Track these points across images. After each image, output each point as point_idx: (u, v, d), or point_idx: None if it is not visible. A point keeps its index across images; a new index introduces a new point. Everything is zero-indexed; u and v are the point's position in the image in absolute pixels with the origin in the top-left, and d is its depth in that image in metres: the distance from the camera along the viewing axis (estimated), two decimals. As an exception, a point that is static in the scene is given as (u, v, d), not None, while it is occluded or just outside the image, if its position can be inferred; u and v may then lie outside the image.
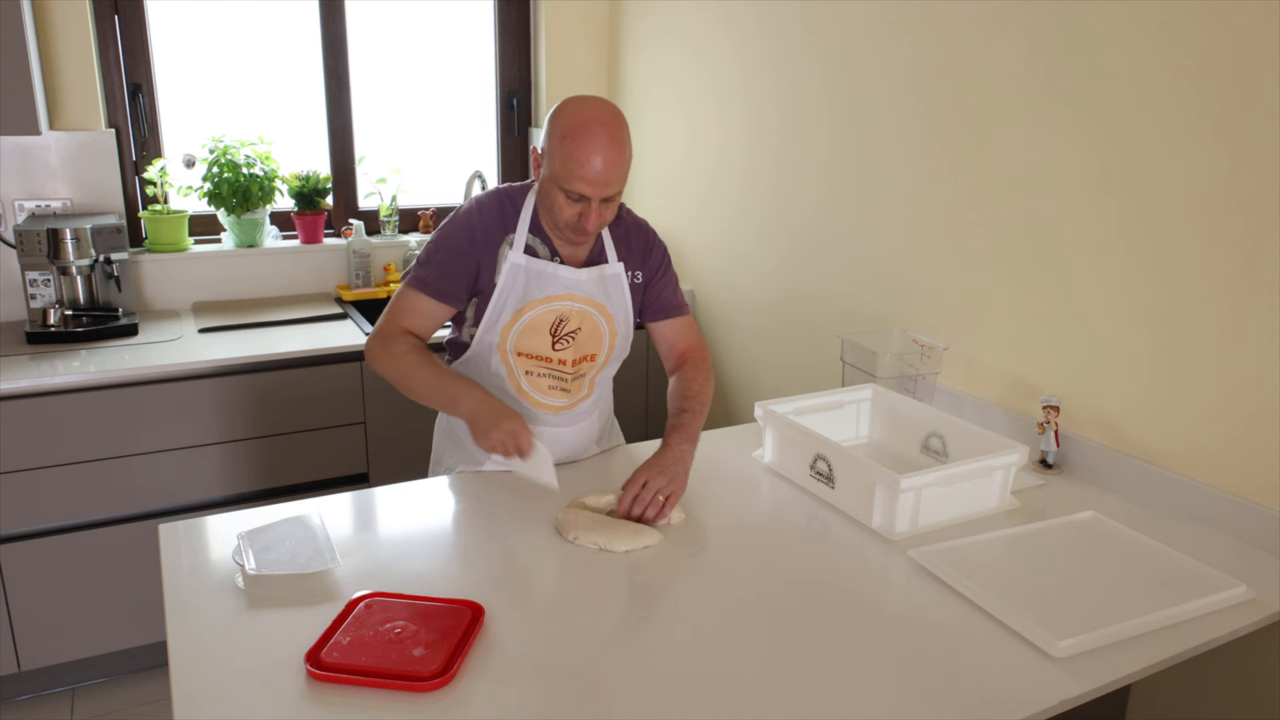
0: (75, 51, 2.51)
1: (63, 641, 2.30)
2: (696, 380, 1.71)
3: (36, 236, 2.34)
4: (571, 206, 1.53)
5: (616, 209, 1.59)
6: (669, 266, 1.78)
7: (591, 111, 1.51)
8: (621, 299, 1.70)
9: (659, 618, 1.28)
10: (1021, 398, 1.86)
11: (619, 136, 1.51)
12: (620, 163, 1.51)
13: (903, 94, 2.05)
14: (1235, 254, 1.47)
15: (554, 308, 1.63)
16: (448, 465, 1.79)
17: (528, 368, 1.66)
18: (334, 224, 3.07)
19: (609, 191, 1.51)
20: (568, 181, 1.50)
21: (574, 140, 1.48)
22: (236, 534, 1.39)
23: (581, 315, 1.66)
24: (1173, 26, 1.51)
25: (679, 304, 1.79)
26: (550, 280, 1.62)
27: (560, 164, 1.50)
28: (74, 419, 2.18)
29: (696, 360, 1.77)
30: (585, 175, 1.48)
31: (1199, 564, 1.39)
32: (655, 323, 1.78)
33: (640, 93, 3.08)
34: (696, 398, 1.68)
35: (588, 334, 1.67)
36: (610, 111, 1.52)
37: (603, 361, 1.73)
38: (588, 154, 1.47)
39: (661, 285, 1.76)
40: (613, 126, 1.50)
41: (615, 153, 1.49)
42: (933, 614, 1.27)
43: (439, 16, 3.13)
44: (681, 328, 1.79)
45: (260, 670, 1.11)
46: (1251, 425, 1.48)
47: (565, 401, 1.71)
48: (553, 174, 1.52)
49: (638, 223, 1.76)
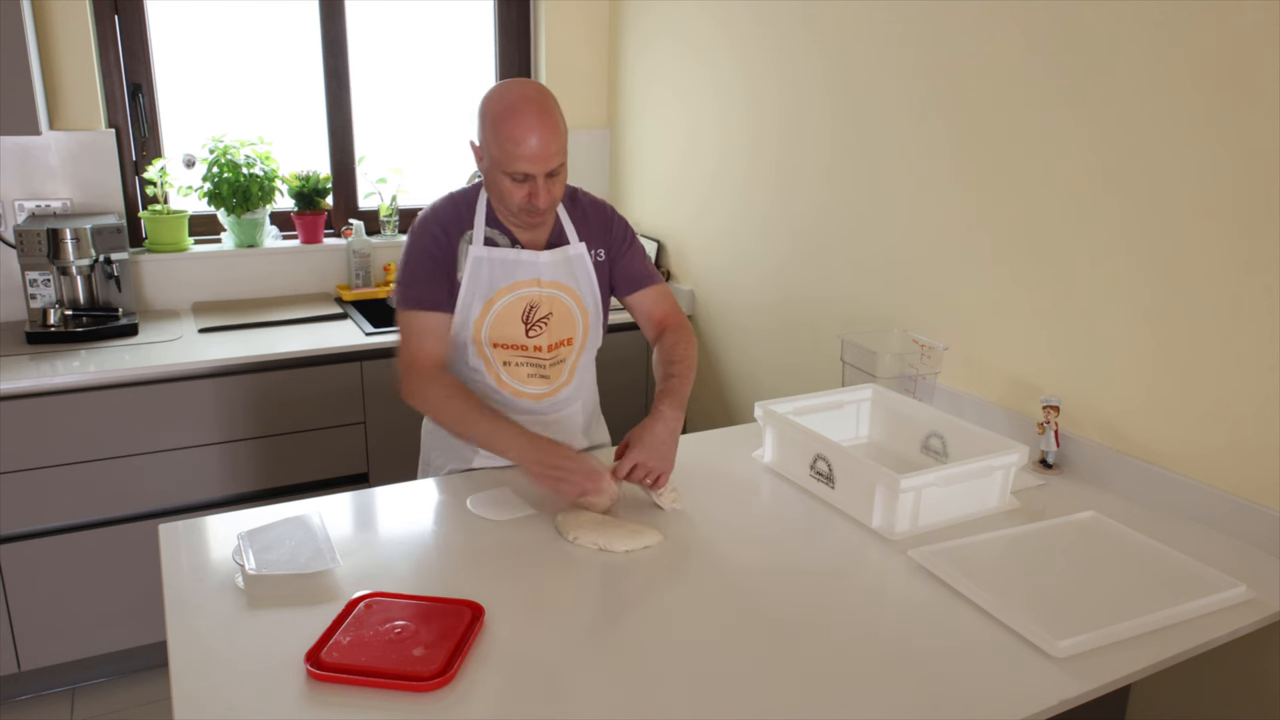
0: (75, 51, 2.51)
1: (63, 641, 2.30)
2: (680, 345, 1.73)
3: (36, 236, 2.34)
4: (519, 188, 1.54)
5: (564, 183, 1.61)
6: (633, 239, 1.79)
7: (516, 91, 1.53)
8: (588, 279, 1.72)
9: (659, 618, 1.28)
10: (1021, 398, 1.86)
11: (548, 107, 1.52)
12: (555, 136, 1.52)
13: (903, 94, 2.05)
14: (1235, 254, 1.47)
15: (522, 294, 1.65)
16: (436, 465, 1.79)
17: (505, 358, 1.68)
18: (334, 224, 3.07)
19: (551, 165, 1.53)
20: (509, 164, 1.52)
21: (505, 123, 1.50)
22: (236, 534, 1.39)
23: (551, 300, 1.67)
24: (1173, 26, 1.51)
25: (648, 273, 1.79)
26: (514, 266, 1.64)
27: (498, 149, 1.52)
28: (74, 419, 2.18)
29: (675, 325, 1.78)
30: (523, 154, 1.50)
31: (1199, 564, 1.38)
32: (629, 295, 1.79)
33: (640, 93, 3.08)
34: (681, 361, 1.69)
35: (560, 318, 1.69)
36: (535, 88, 1.55)
37: (580, 345, 1.74)
38: (522, 132, 1.49)
39: (628, 259, 1.77)
40: (539, 101, 1.52)
41: (548, 127, 1.51)
42: (933, 614, 1.27)
43: (439, 16, 3.13)
44: (656, 296, 1.79)
45: (260, 670, 1.11)
46: (1251, 425, 1.48)
47: (546, 389, 1.72)
48: (493, 161, 1.55)
49: (594, 202, 1.78)
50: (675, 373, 1.67)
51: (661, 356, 1.73)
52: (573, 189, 1.76)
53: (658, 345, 1.77)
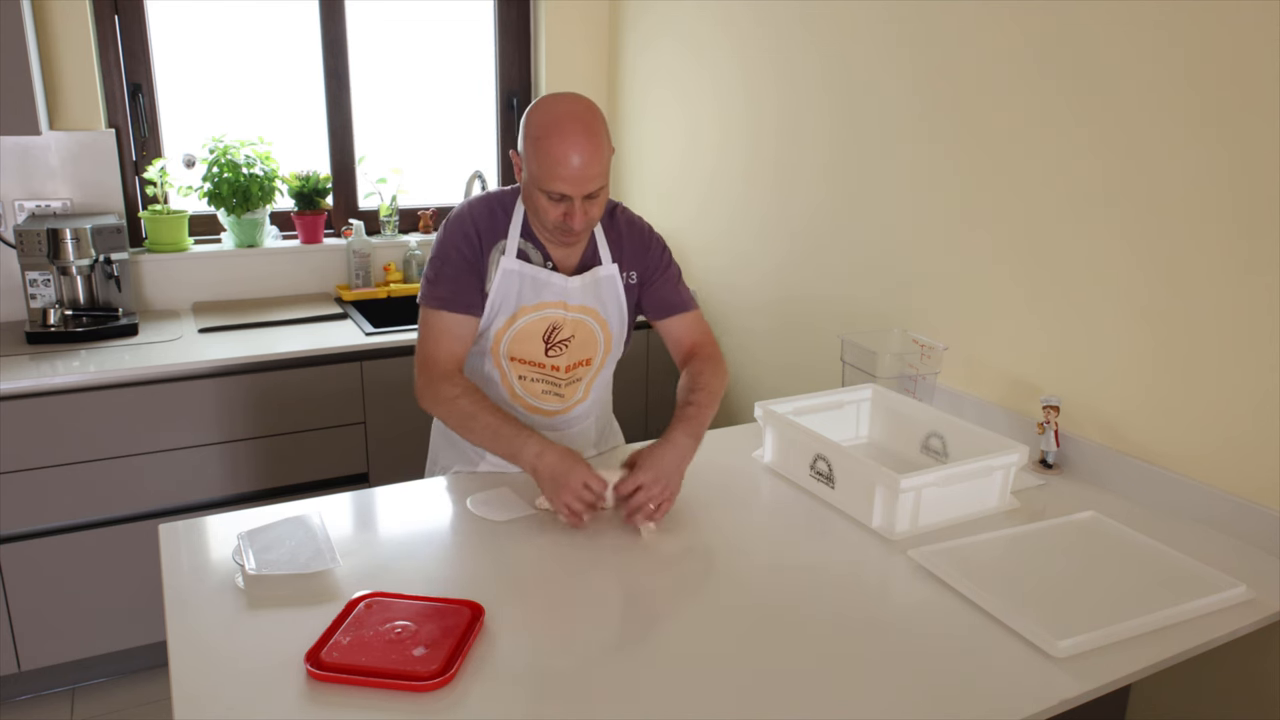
0: (75, 51, 2.51)
1: (63, 641, 2.30)
2: (705, 373, 1.65)
3: (36, 236, 2.34)
4: (555, 207, 1.48)
5: (603, 206, 1.54)
6: (669, 263, 1.72)
7: (564, 107, 1.46)
8: (616, 301, 1.67)
9: (659, 618, 1.28)
10: (1021, 398, 1.86)
11: (595, 129, 1.45)
12: (597, 158, 1.45)
13: (902, 94, 2.05)
14: (1235, 253, 1.47)
15: (546, 315, 1.61)
16: (443, 465, 1.79)
17: (521, 372, 1.65)
18: (334, 224, 3.07)
19: (590, 188, 1.47)
20: (547, 182, 1.46)
21: (548, 139, 1.44)
22: (236, 534, 1.39)
23: (575, 324, 1.63)
24: (1172, 26, 1.51)
25: (683, 301, 1.73)
26: (543, 287, 1.59)
27: (537, 165, 1.46)
28: (74, 419, 2.18)
29: (706, 354, 1.70)
30: (563, 174, 1.44)
31: (1199, 564, 1.38)
32: (660, 321, 1.73)
33: (640, 93, 3.08)
34: (704, 390, 1.61)
35: (581, 341, 1.65)
36: (584, 105, 1.48)
37: (598, 366, 1.71)
38: (563, 152, 1.43)
39: (662, 283, 1.71)
40: (587, 120, 1.45)
41: (591, 148, 1.44)
42: (933, 614, 1.27)
43: (439, 16, 3.13)
44: (688, 324, 1.73)
45: (260, 670, 1.11)
46: (1251, 425, 1.48)
47: (559, 406, 1.70)
48: (532, 176, 1.48)
49: (632, 221, 1.71)
50: (696, 400, 1.59)
51: (686, 383, 1.65)
52: (612, 204, 1.69)
53: (685, 371, 1.70)
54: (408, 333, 2.55)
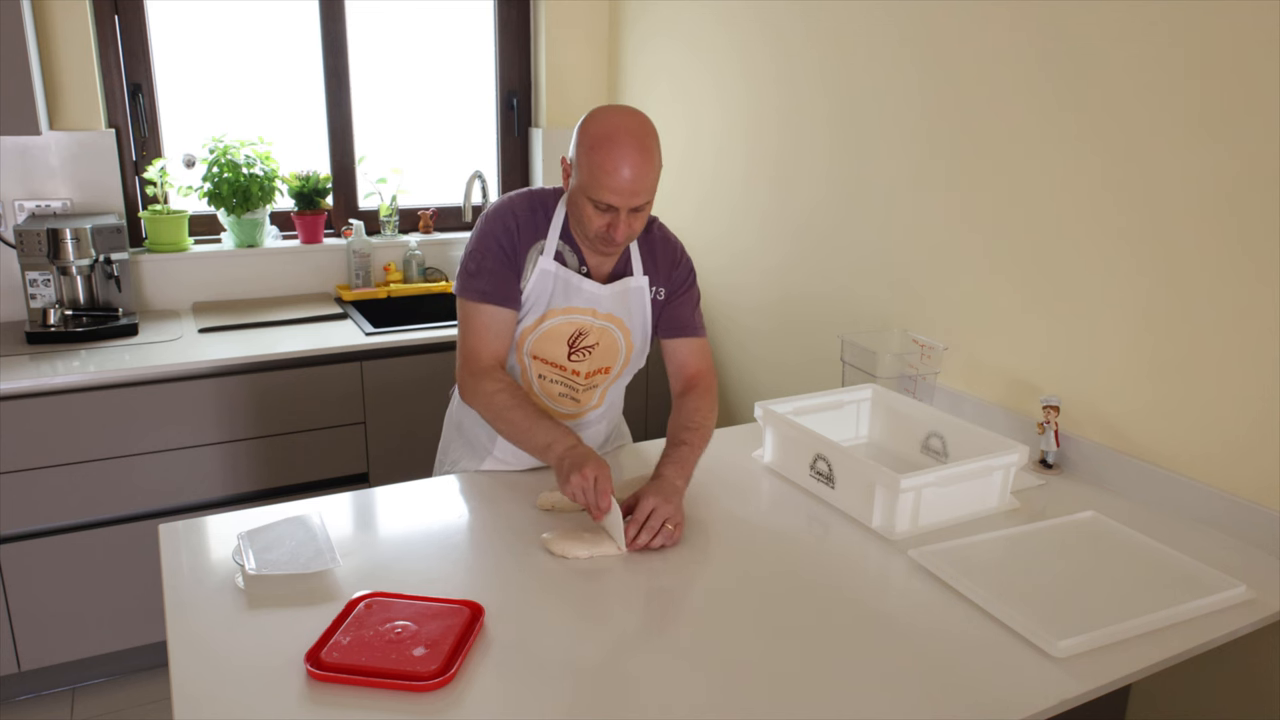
0: (75, 51, 2.51)
1: (63, 641, 2.30)
2: (700, 410, 1.65)
3: (36, 236, 2.34)
4: (600, 217, 1.51)
5: (646, 220, 1.57)
6: (692, 285, 1.74)
7: (620, 120, 1.49)
8: (642, 313, 1.68)
9: (659, 618, 1.28)
10: (1021, 398, 1.86)
11: (647, 146, 1.48)
12: (649, 173, 1.48)
13: (903, 94, 2.05)
14: (1235, 254, 1.47)
15: (574, 320, 1.62)
16: (453, 458, 1.80)
17: (541, 371, 1.66)
18: (334, 224, 3.07)
19: (637, 201, 1.49)
20: (595, 191, 1.48)
21: (601, 150, 1.46)
22: (236, 534, 1.39)
23: (601, 331, 1.64)
24: (1171, 26, 1.51)
25: (695, 325, 1.73)
26: (575, 292, 1.61)
27: (588, 174, 1.48)
28: (74, 419, 2.18)
29: (703, 388, 1.70)
30: (613, 185, 1.46)
31: (1199, 564, 1.38)
32: (668, 340, 1.73)
33: (640, 93, 3.08)
34: (698, 430, 1.61)
35: (605, 349, 1.66)
36: (639, 121, 1.50)
37: (617, 374, 1.72)
38: (615, 163, 1.45)
39: (680, 303, 1.72)
40: (641, 136, 1.47)
41: (644, 162, 1.47)
42: (933, 614, 1.27)
43: (439, 16, 3.13)
44: (694, 349, 1.73)
45: (260, 670, 1.11)
46: (1251, 425, 1.48)
47: (573, 410, 1.71)
48: (581, 184, 1.50)
49: (666, 238, 1.73)
50: (688, 440, 1.58)
51: (679, 420, 1.64)
52: (650, 219, 1.70)
53: (679, 403, 1.69)
54: (408, 333, 2.55)
